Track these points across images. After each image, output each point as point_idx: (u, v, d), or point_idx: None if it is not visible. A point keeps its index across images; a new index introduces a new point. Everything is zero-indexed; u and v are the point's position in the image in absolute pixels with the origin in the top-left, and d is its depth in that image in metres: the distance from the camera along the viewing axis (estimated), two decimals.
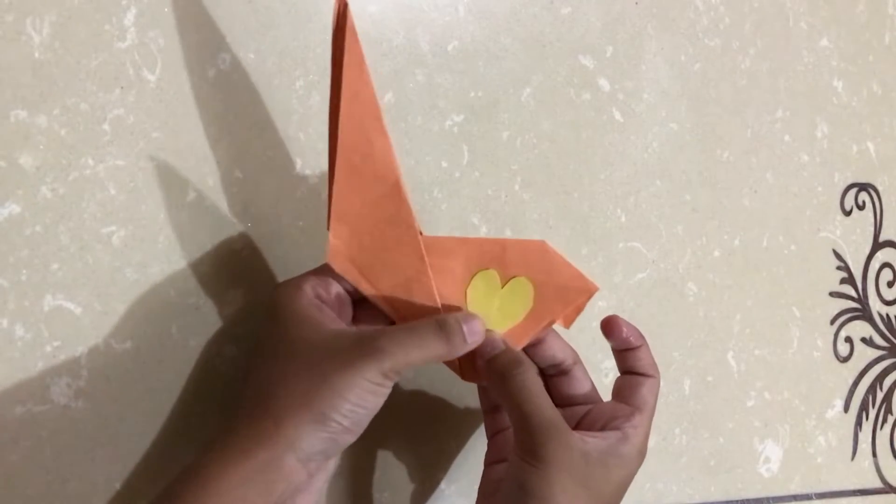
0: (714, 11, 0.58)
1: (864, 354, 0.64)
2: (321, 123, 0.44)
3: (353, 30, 0.34)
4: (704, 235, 0.57)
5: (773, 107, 0.61)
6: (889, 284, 0.66)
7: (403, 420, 0.46)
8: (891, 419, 0.65)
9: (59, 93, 0.37)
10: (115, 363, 0.38)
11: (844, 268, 0.64)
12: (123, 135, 0.39)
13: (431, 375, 0.47)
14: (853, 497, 0.63)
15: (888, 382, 0.65)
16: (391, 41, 0.46)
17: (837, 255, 0.63)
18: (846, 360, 0.63)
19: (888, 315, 0.66)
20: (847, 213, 0.64)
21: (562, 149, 0.51)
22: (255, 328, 0.41)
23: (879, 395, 0.65)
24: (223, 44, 0.41)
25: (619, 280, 0.53)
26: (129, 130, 0.39)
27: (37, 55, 0.37)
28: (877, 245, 0.66)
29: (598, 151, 0.53)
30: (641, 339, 0.41)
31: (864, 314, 0.65)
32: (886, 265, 0.66)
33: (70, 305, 0.37)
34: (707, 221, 0.57)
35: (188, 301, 0.40)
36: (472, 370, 0.41)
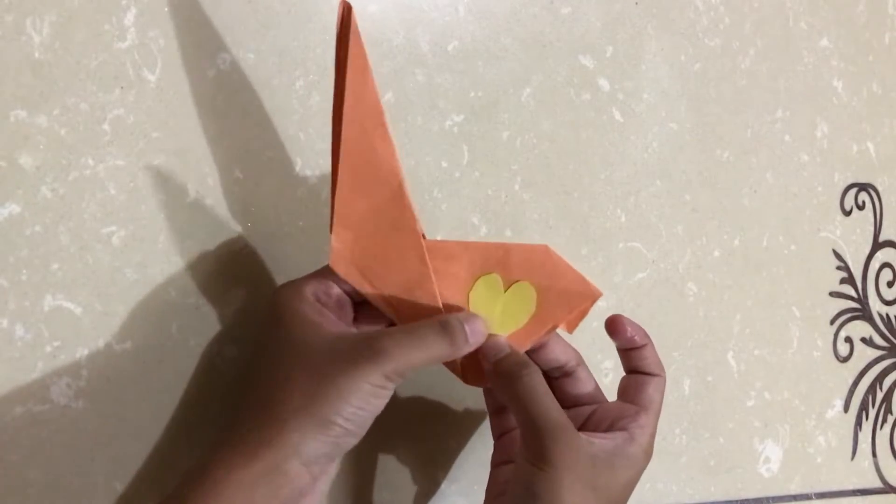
0: (714, 11, 0.58)
1: (864, 354, 0.64)
2: (321, 123, 0.44)
3: (357, 33, 0.34)
4: (704, 235, 0.57)
5: (773, 107, 0.61)
6: (889, 284, 0.66)
7: (404, 420, 0.46)
8: (891, 419, 0.65)
9: (59, 93, 0.37)
10: (115, 363, 0.38)
11: (844, 268, 0.64)
12: (123, 135, 0.39)
13: (431, 376, 0.47)
14: (853, 497, 0.62)
15: (888, 382, 0.65)
16: (391, 41, 0.46)
17: (837, 255, 0.63)
18: (846, 360, 0.63)
19: (888, 315, 0.66)
20: (847, 213, 0.64)
21: (562, 149, 0.51)
22: (256, 328, 0.41)
23: (879, 395, 0.65)
24: (223, 44, 0.41)
25: (619, 280, 0.53)
26: (129, 130, 0.39)
27: (37, 55, 0.37)
28: (877, 245, 0.66)
29: (598, 151, 0.53)
30: (646, 338, 0.41)
31: (864, 314, 0.65)
32: (886, 265, 0.66)
33: (70, 305, 0.37)
34: (707, 221, 0.57)
35: (188, 301, 0.40)
36: (474, 374, 0.41)
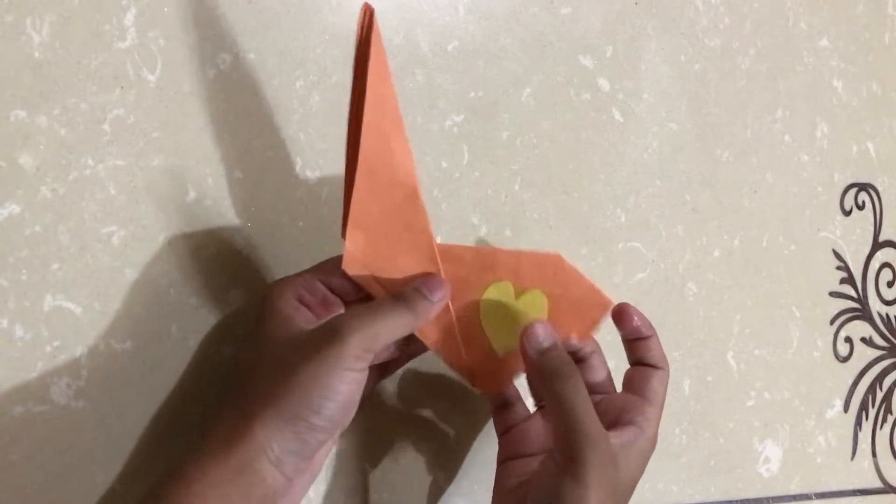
0: (714, 11, 0.58)
1: (864, 354, 0.64)
2: (321, 123, 0.44)
3: (379, 37, 0.33)
4: (704, 235, 0.57)
5: (773, 107, 0.61)
6: (889, 284, 0.66)
7: (404, 420, 0.46)
8: (890, 419, 0.65)
9: (59, 93, 0.37)
10: (115, 363, 0.38)
11: (844, 268, 0.64)
12: (123, 135, 0.39)
13: (432, 376, 0.47)
14: (853, 497, 0.63)
15: (888, 382, 0.65)
16: (391, 41, 0.46)
17: (837, 255, 0.63)
18: (846, 360, 0.63)
19: (888, 315, 0.66)
20: (847, 214, 0.64)
21: (562, 149, 0.51)
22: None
23: (879, 395, 0.65)
24: (223, 44, 0.41)
25: (619, 280, 0.53)
26: (129, 130, 0.39)
27: (37, 55, 0.37)
28: (876, 245, 0.66)
29: (598, 151, 0.53)
30: (652, 330, 0.41)
31: (864, 314, 0.65)
32: (886, 265, 0.66)
33: (70, 305, 0.37)
34: (707, 221, 0.57)
35: (188, 301, 0.40)
36: (484, 379, 0.41)
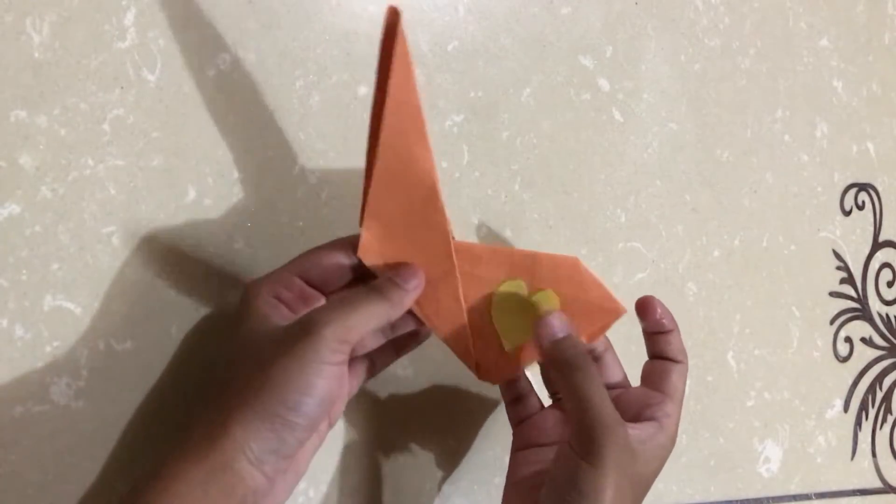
0: (714, 11, 0.58)
1: (864, 354, 0.64)
2: (321, 123, 0.44)
3: (404, 38, 0.33)
4: (704, 235, 0.57)
5: (773, 107, 0.61)
6: (889, 284, 0.66)
7: (404, 420, 0.46)
8: (890, 419, 0.65)
9: (59, 93, 0.37)
10: (115, 363, 0.38)
11: (844, 268, 0.64)
12: (123, 135, 0.39)
13: (432, 376, 0.47)
14: (853, 497, 0.63)
15: (888, 382, 0.65)
16: None
17: (837, 255, 0.63)
18: (846, 360, 0.63)
19: (888, 315, 0.66)
20: (847, 214, 0.64)
21: (562, 149, 0.51)
22: None
23: (879, 395, 0.65)
24: (223, 44, 0.41)
25: (619, 280, 0.53)
26: (129, 130, 0.39)
27: (37, 55, 0.37)
28: (876, 245, 0.66)
29: (598, 151, 0.53)
30: (674, 324, 0.41)
31: (864, 314, 0.65)
32: (886, 265, 0.66)
33: (70, 305, 0.37)
34: (707, 221, 0.57)
35: (188, 301, 0.40)
36: (489, 370, 0.41)
